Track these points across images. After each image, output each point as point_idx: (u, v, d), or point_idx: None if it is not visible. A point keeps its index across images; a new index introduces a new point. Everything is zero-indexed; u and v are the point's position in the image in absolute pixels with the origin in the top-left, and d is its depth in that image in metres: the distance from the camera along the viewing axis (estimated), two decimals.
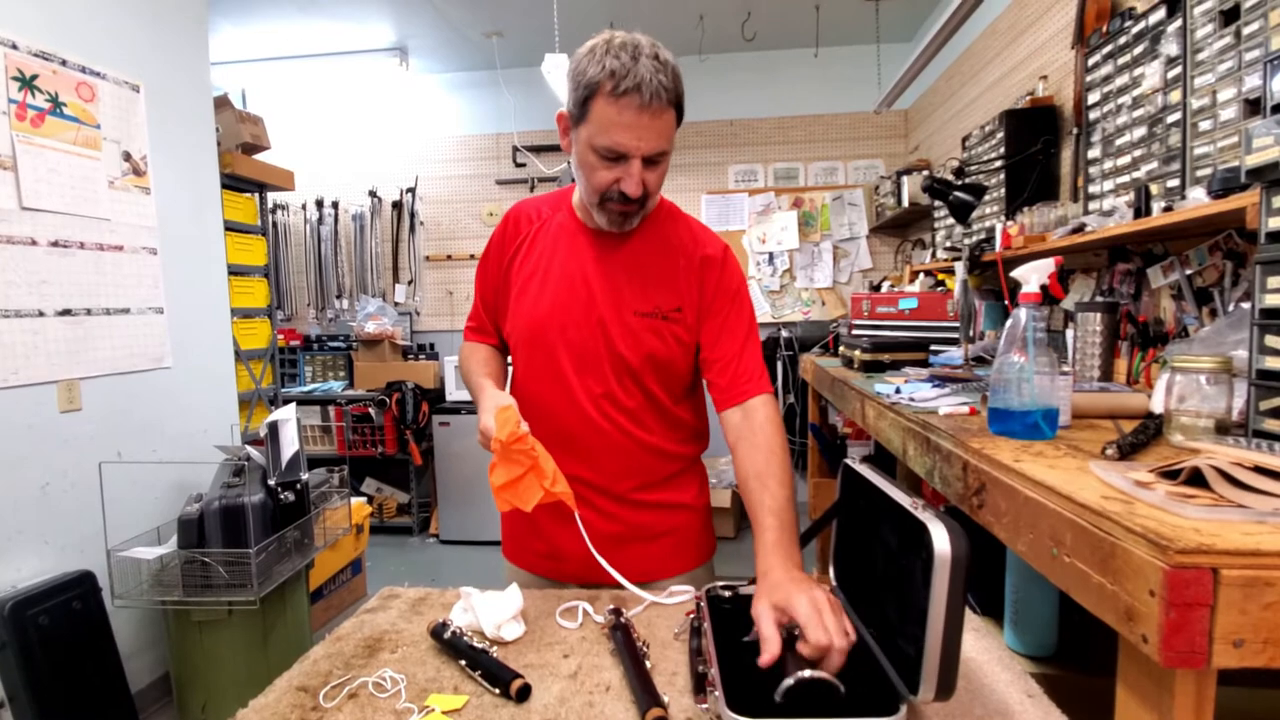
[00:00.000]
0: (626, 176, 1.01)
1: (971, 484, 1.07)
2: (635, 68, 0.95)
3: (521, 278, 1.19)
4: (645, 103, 0.96)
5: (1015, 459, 0.96)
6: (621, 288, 1.13)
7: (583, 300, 1.13)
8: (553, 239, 1.19)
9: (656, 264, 1.16)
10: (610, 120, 0.97)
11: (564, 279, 1.15)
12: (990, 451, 1.01)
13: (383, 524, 4.03)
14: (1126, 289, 1.97)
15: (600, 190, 1.04)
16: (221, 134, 2.87)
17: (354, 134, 4.48)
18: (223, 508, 2.15)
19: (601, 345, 1.12)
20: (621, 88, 0.95)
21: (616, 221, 1.09)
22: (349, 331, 4.15)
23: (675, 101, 1.01)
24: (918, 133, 3.94)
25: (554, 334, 1.14)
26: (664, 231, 1.17)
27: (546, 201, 1.25)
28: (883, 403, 1.67)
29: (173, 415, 2.49)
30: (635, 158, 1.00)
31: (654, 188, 1.07)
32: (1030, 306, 1.05)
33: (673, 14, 3.61)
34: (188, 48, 2.59)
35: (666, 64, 0.99)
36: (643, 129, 0.98)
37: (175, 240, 2.49)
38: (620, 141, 0.98)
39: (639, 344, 1.12)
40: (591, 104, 0.98)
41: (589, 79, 0.97)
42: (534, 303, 1.16)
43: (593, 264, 1.15)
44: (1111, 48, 1.84)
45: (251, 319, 3.06)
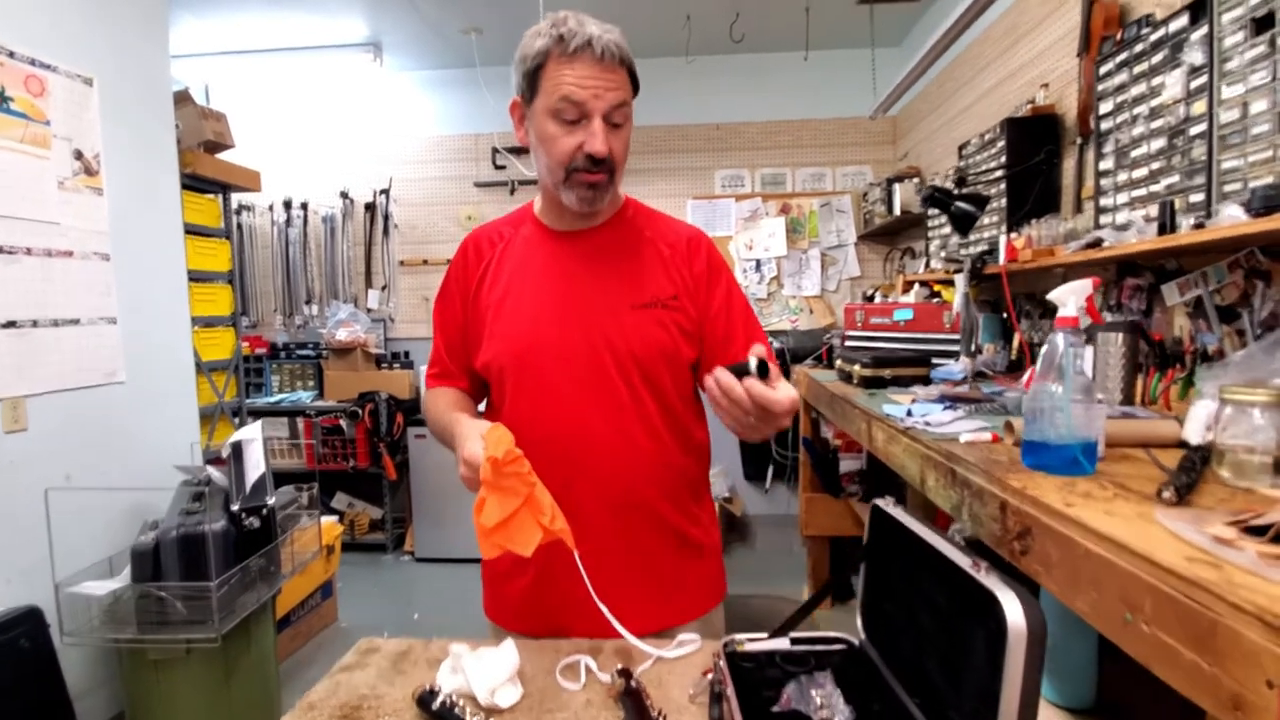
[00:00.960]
0: (589, 136, 0.96)
1: (1012, 526, 0.98)
2: (583, 29, 0.95)
3: (494, 300, 1.09)
4: (598, 56, 0.94)
5: (1065, 501, 0.88)
6: (611, 283, 1.06)
7: (572, 304, 1.05)
8: (521, 254, 1.10)
9: (641, 254, 1.09)
10: (565, 78, 0.95)
11: (546, 287, 1.06)
12: (1033, 491, 0.93)
13: (355, 541, 3.85)
14: (1137, 304, 1.91)
15: (564, 160, 0.99)
16: (182, 131, 2.70)
17: (325, 132, 4.29)
18: (181, 537, 1.99)
19: (602, 347, 1.04)
20: (573, 46, 0.94)
21: (586, 197, 1.02)
22: (319, 339, 3.97)
23: (629, 66, 0.99)
24: (907, 139, 3.89)
25: (546, 347, 1.04)
26: (637, 225, 1.12)
27: (505, 222, 1.17)
28: (895, 426, 1.59)
29: (127, 434, 2.31)
30: (596, 114, 0.96)
31: (619, 154, 1.01)
32: (1068, 332, 0.97)
33: (659, 14, 3.51)
34: (146, 39, 2.42)
35: (613, 30, 0.98)
36: (600, 81, 0.95)
37: (130, 245, 2.32)
38: (576, 93, 0.95)
39: (645, 337, 1.04)
40: (542, 73, 0.97)
41: (536, 50, 0.96)
42: (514, 321, 1.07)
43: (574, 265, 1.07)
44: (1126, 55, 1.78)
45: (214, 328, 2.89)
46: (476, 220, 4.22)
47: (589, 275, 1.07)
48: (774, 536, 3.84)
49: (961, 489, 1.17)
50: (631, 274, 1.08)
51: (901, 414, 1.65)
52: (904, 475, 1.55)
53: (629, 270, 1.09)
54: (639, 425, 1.06)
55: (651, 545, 1.09)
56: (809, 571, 3.10)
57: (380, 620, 3.09)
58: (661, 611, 1.09)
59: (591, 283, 1.07)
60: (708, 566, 1.16)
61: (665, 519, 1.09)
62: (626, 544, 1.07)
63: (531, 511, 0.86)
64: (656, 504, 1.08)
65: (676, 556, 1.11)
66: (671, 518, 1.10)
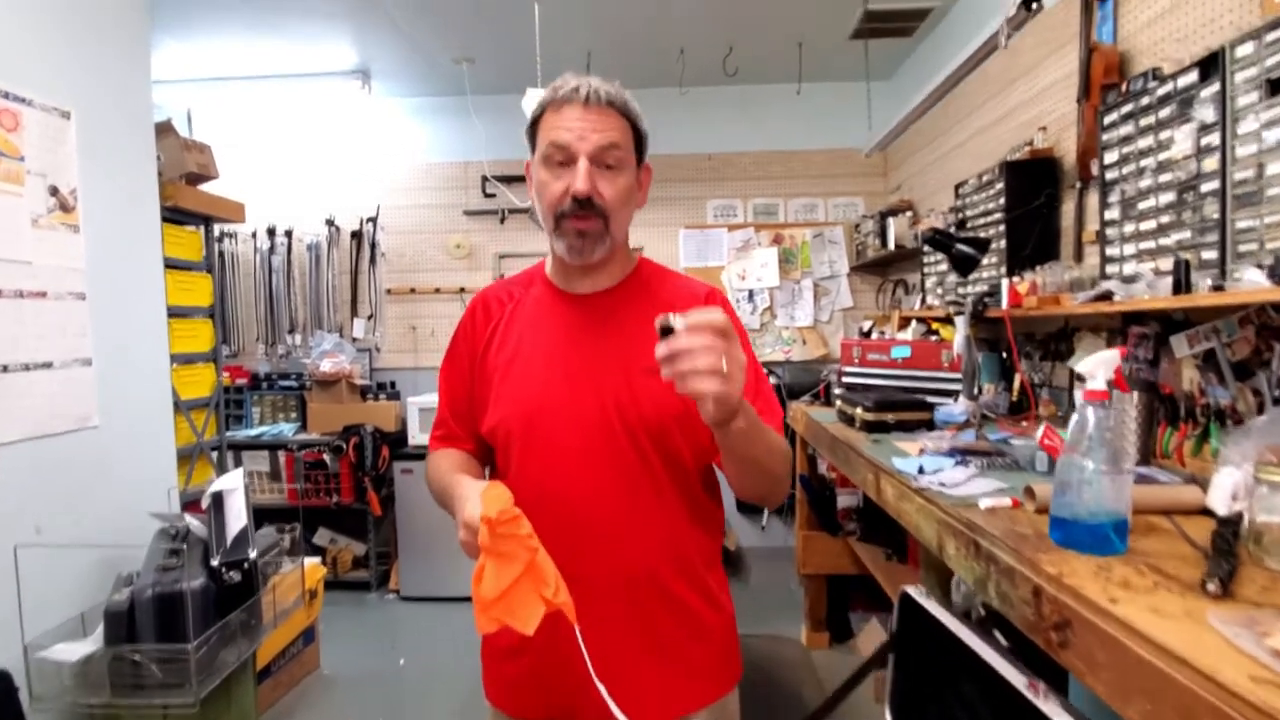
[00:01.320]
0: (573, 176, 0.96)
1: (1048, 614, 0.93)
2: (575, 81, 0.97)
3: (503, 362, 1.05)
4: (583, 101, 0.96)
5: (1107, 595, 0.84)
6: (623, 346, 1.03)
7: (583, 367, 1.02)
8: (531, 315, 1.07)
9: (652, 315, 1.03)
10: (552, 125, 0.97)
11: (556, 350, 1.03)
12: (1071, 580, 0.89)
13: (337, 579, 3.73)
14: (1144, 353, 1.90)
15: (555, 206, 0.98)
16: (164, 163, 2.61)
17: (311, 159, 4.21)
18: (157, 596, 1.89)
19: (612, 412, 1.00)
20: (561, 95, 0.97)
21: (575, 246, 0.99)
22: (302, 369, 3.86)
23: (622, 108, 0.99)
24: (898, 172, 3.90)
25: (555, 410, 1.00)
26: (650, 287, 1.10)
27: (515, 281, 1.14)
28: (907, 484, 1.55)
29: (101, 481, 2.20)
30: (581, 154, 0.95)
31: (612, 199, 0.98)
32: (1098, 405, 0.95)
33: (653, 46, 3.49)
34: (126, 70, 2.34)
35: (611, 82, 0.99)
36: (585, 124, 0.95)
37: (107, 283, 2.22)
38: (560, 136, 0.95)
39: (656, 401, 1.00)
40: (538, 126, 1.00)
41: (536, 109, 1.00)
42: (523, 383, 1.03)
43: (584, 327, 1.04)
44: (1133, 107, 1.77)
45: (194, 364, 2.78)
46: (466, 249, 4.15)
47: (599, 338, 1.04)
48: (770, 572, 3.78)
49: (987, 563, 1.12)
50: (643, 336, 1.03)
51: (913, 470, 1.62)
52: (918, 536, 1.51)
53: (640, 332, 1.04)
54: (650, 493, 1.01)
55: (660, 622, 1.03)
56: (806, 611, 3.05)
57: (365, 666, 2.98)
58: (671, 695, 1.03)
59: (602, 346, 1.03)
60: (720, 645, 1.10)
61: (675, 594, 1.04)
62: (633, 620, 1.01)
63: (533, 582, 0.79)
64: (666, 578, 1.03)
65: (687, 635, 1.05)
66: (682, 593, 1.04)
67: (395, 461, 3.60)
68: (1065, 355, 2.26)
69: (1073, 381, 2.25)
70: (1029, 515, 1.20)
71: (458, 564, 3.55)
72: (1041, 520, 1.14)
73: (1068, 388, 2.28)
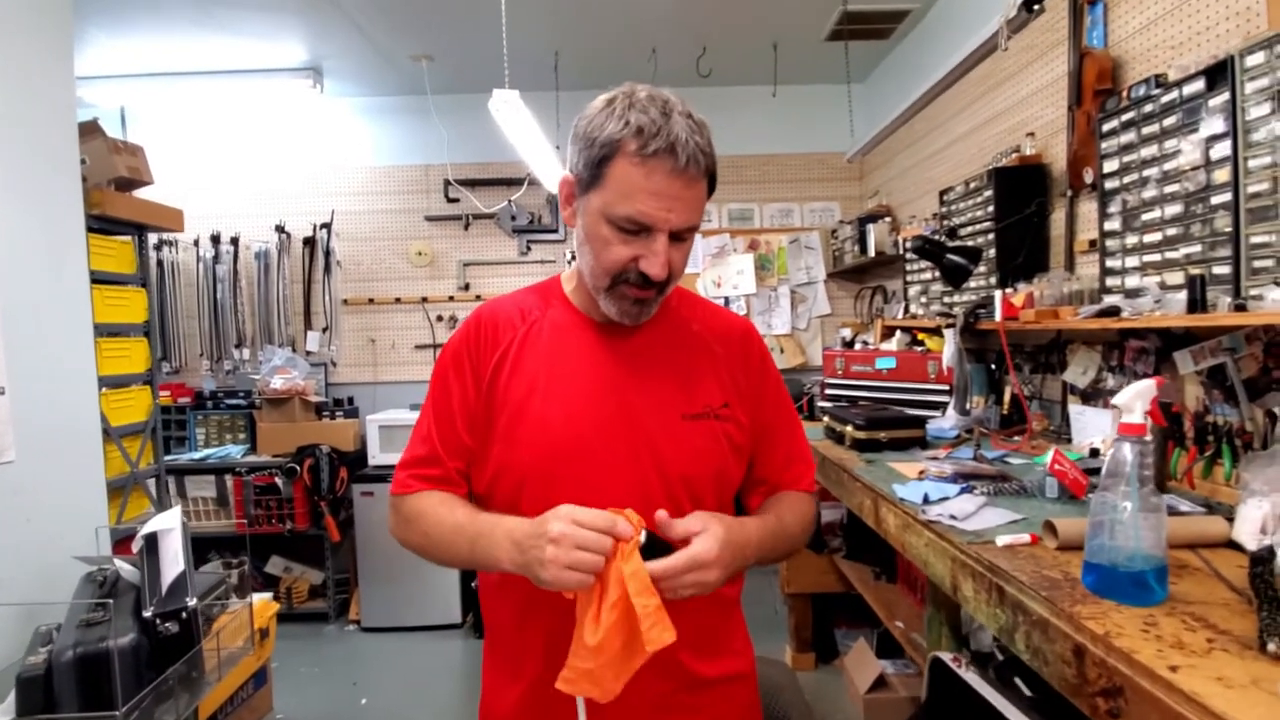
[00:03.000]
0: (649, 254, 0.83)
1: (1094, 679, 0.84)
2: (667, 125, 0.80)
3: (516, 396, 0.91)
4: (680, 166, 0.80)
5: (1163, 659, 0.76)
6: (659, 387, 0.93)
7: (615, 409, 0.91)
8: (551, 341, 0.93)
9: (689, 354, 0.96)
10: (635, 185, 0.81)
11: (583, 387, 0.91)
12: (1120, 641, 0.81)
13: (292, 611, 3.49)
14: (1142, 368, 1.83)
15: (613, 271, 0.86)
16: (89, 167, 2.37)
17: (259, 162, 3.96)
18: (79, 658, 1.67)
19: (649, 463, 0.90)
20: (651, 147, 0.79)
21: (630, 312, 0.89)
22: (251, 386, 3.61)
23: (710, 171, 0.86)
24: (875, 176, 3.84)
25: (582, 459, 0.89)
26: (681, 315, 1.00)
27: (527, 298, 0.99)
28: (912, 514, 1.44)
29: (16, 523, 1.96)
30: (662, 232, 0.83)
31: (678, 269, 0.88)
32: (1134, 440, 0.87)
33: (624, 46, 3.36)
34: (45, 65, 2.10)
35: (702, 126, 0.84)
36: (675, 198, 0.82)
37: (23, 300, 1.99)
38: (646, 211, 0.81)
39: (698, 454, 0.92)
40: (609, 166, 0.82)
41: (607, 135, 0.81)
42: (544, 424, 0.89)
43: (616, 364, 0.93)
44: (1134, 115, 1.70)
45: (126, 388, 2.54)
46: (429, 256, 3.95)
47: (634, 376, 0.92)
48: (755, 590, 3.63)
49: (1014, 612, 1.03)
50: (683, 377, 0.94)
51: (917, 499, 1.51)
52: (927, 572, 1.41)
53: (680, 373, 0.94)
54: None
55: (667, 690, 0.92)
56: (791, 631, 2.95)
57: (323, 707, 2.77)
58: None
59: (637, 385, 0.92)
60: (738, 700, 0.99)
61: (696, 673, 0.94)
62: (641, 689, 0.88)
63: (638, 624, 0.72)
64: (687, 660, 0.92)
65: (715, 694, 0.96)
66: (703, 671, 0.95)
67: (354, 484, 3.38)
68: (1057, 368, 2.19)
69: (1065, 394, 2.18)
70: (1052, 553, 1.12)
71: (424, 591, 3.36)
72: (1069, 561, 1.07)
73: (1060, 400, 2.21)
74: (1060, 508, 1.39)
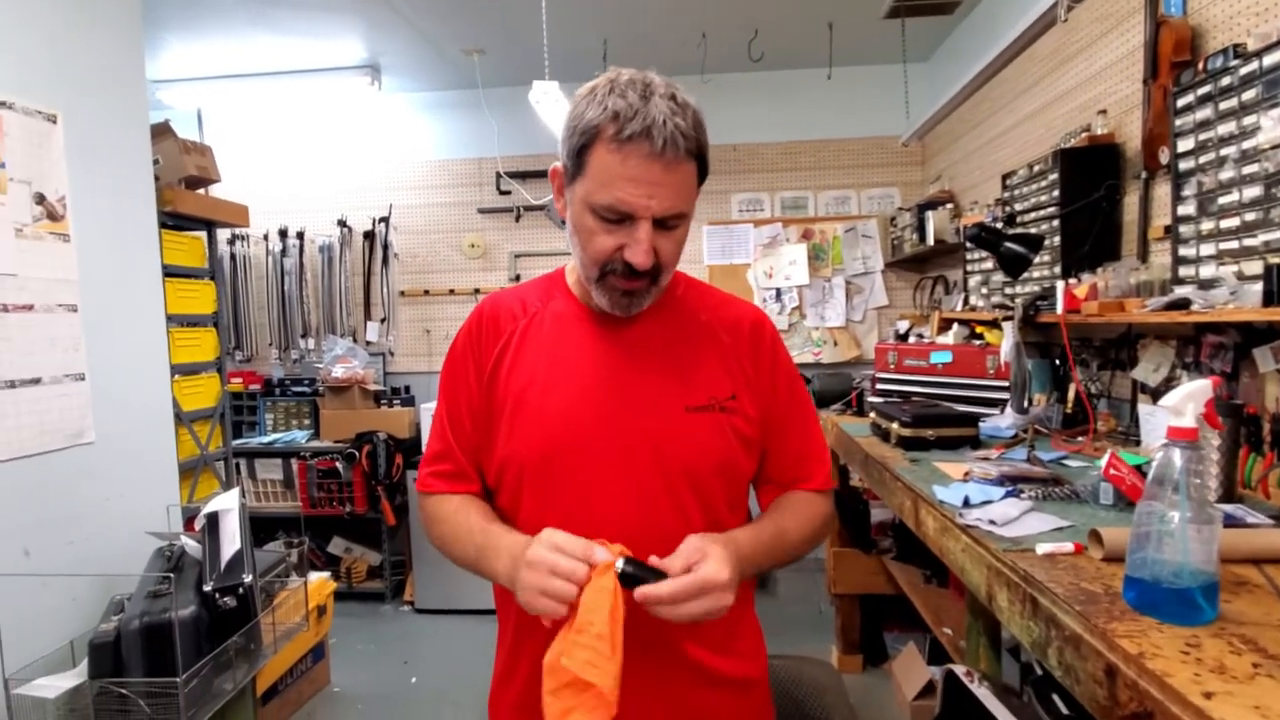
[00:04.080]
0: (632, 243, 0.81)
1: (1125, 700, 0.79)
2: (645, 108, 0.77)
3: (516, 388, 0.90)
4: (657, 150, 0.76)
5: (1199, 685, 0.70)
6: (662, 380, 0.91)
7: (614, 401, 0.89)
8: (552, 333, 0.92)
9: (694, 345, 0.93)
10: (613, 172, 0.78)
11: (582, 379, 0.90)
12: (1154, 663, 0.75)
13: (351, 590, 3.65)
14: (1219, 365, 1.68)
15: (600, 260, 0.84)
16: (161, 167, 2.52)
17: (322, 158, 4.12)
18: (145, 627, 1.79)
19: (648, 456, 0.87)
20: (627, 131, 0.76)
21: (620, 303, 0.87)
22: (315, 375, 3.78)
23: (696, 152, 0.82)
24: (937, 161, 3.65)
25: (579, 452, 0.88)
26: (688, 305, 0.97)
27: (530, 290, 0.98)
28: (950, 518, 1.37)
29: (96, 500, 2.12)
30: (643, 219, 0.80)
31: (668, 258, 0.85)
32: (1185, 445, 0.80)
33: (673, 32, 3.30)
34: (119, 70, 2.24)
35: (686, 106, 0.80)
36: (654, 183, 0.78)
37: (101, 293, 2.13)
38: (624, 198, 0.78)
39: (701, 447, 0.89)
40: (589, 153, 0.80)
41: (586, 123, 0.79)
42: (541, 416, 0.88)
43: (617, 355, 0.90)
44: (1211, 88, 1.55)
45: (196, 375, 2.70)
46: (481, 248, 4.02)
47: (635, 368, 0.90)
48: (798, 589, 3.60)
49: (1047, 626, 0.96)
50: (686, 368, 0.91)
51: (957, 502, 1.44)
52: (963, 579, 1.34)
53: (683, 364, 0.92)
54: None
55: (687, 695, 0.90)
56: (838, 631, 2.87)
57: (376, 683, 2.89)
58: None
59: (638, 377, 0.90)
60: (749, 706, 0.97)
61: (704, 665, 0.91)
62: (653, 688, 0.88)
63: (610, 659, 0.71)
64: (691, 651, 0.90)
65: (715, 699, 0.93)
66: (712, 663, 0.92)
67: (409, 470, 3.50)
68: (1127, 364, 2.03)
69: (1135, 392, 2.03)
70: (1096, 564, 1.04)
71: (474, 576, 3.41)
72: (1112, 573, 0.99)
73: (1129, 399, 2.06)
74: (1114, 516, 1.29)
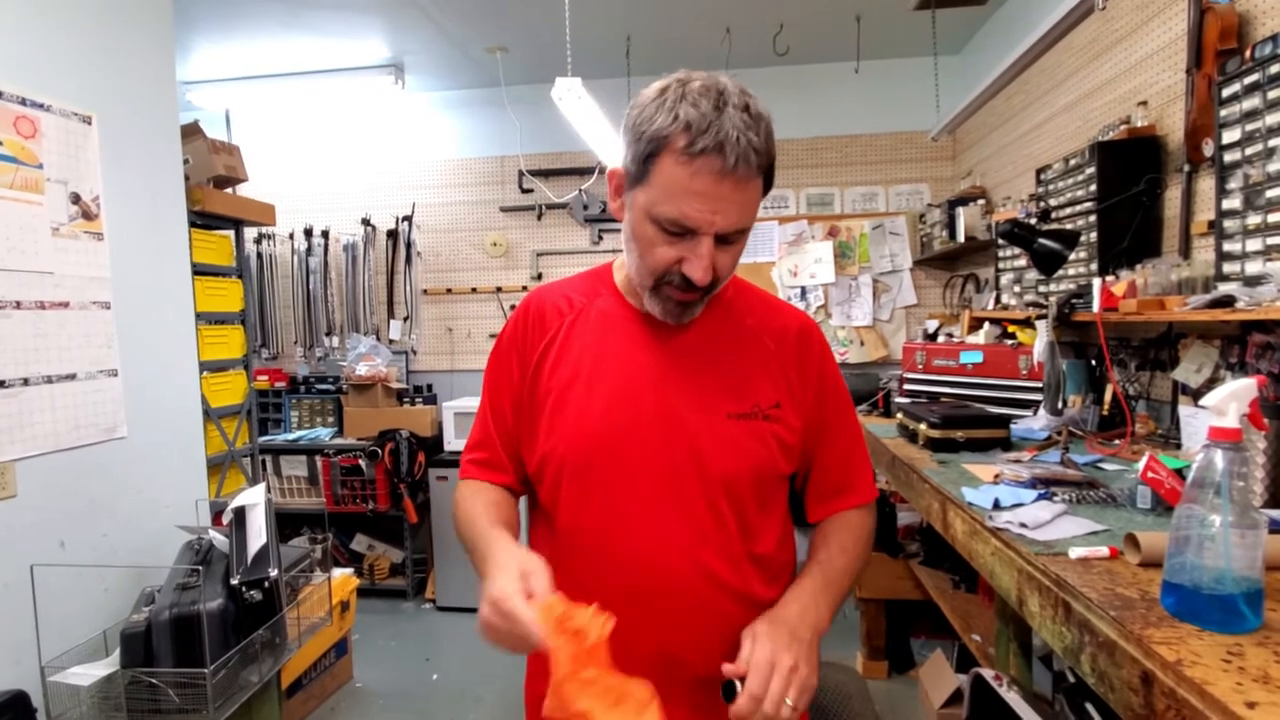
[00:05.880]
0: (693, 258, 0.80)
1: (1162, 710, 0.76)
2: (719, 120, 0.74)
3: (559, 384, 0.90)
4: (729, 167, 0.74)
5: (1241, 694, 0.67)
6: (705, 384, 0.90)
7: (659, 403, 0.88)
8: (597, 331, 0.92)
9: (740, 351, 0.93)
10: (680, 186, 0.76)
11: (625, 380, 0.90)
12: (1193, 672, 0.72)
13: (374, 587, 3.68)
14: (1266, 366, 1.61)
15: (657, 272, 0.83)
16: (191, 166, 2.56)
17: (346, 157, 4.15)
18: (174, 618, 1.82)
19: (686, 462, 0.87)
20: (699, 145, 0.74)
21: (673, 312, 0.87)
22: (339, 373, 3.82)
23: (766, 167, 0.80)
24: (968, 156, 3.58)
25: (619, 453, 0.87)
26: (736, 310, 0.96)
27: (577, 286, 0.97)
28: (979, 520, 1.33)
29: (128, 493, 2.16)
30: (707, 235, 0.79)
31: (725, 273, 0.85)
32: (1228, 446, 0.77)
33: (697, 26, 3.27)
34: (150, 72, 2.27)
35: (760, 118, 0.77)
36: (721, 200, 0.76)
37: (133, 291, 2.17)
38: (690, 214, 0.77)
39: (743, 455, 0.88)
40: (656, 162, 0.78)
41: (655, 130, 0.77)
42: (582, 414, 0.88)
43: (661, 358, 0.91)
44: (1259, 77, 1.48)
45: (224, 372, 2.74)
46: (503, 247, 4.03)
47: (678, 372, 0.90)
48: None
49: (1080, 631, 0.93)
50: (732, 374, 0.91)
51: (987, 504, 1.40)
52: (992, 583, 1.30)
53: (728, 370, 0.91)
54: (721, 556, 0.88)
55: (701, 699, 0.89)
56: (863, 637, 2.82)
57: (398, 679, 2.90)
58: None
59: (681, 382, 0.89)
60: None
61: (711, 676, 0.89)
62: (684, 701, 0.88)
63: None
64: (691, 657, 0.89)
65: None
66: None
67: (431, 468, 3.52)
68: (1167, 364, 1.96)
69: (1175, 394, 1.96)
70: (1132, 569, 1.01)
71: None
72: (1149, 578, 0.96)
73: (1170, 400, 1.99)
74: (1152, 520, 1.24)
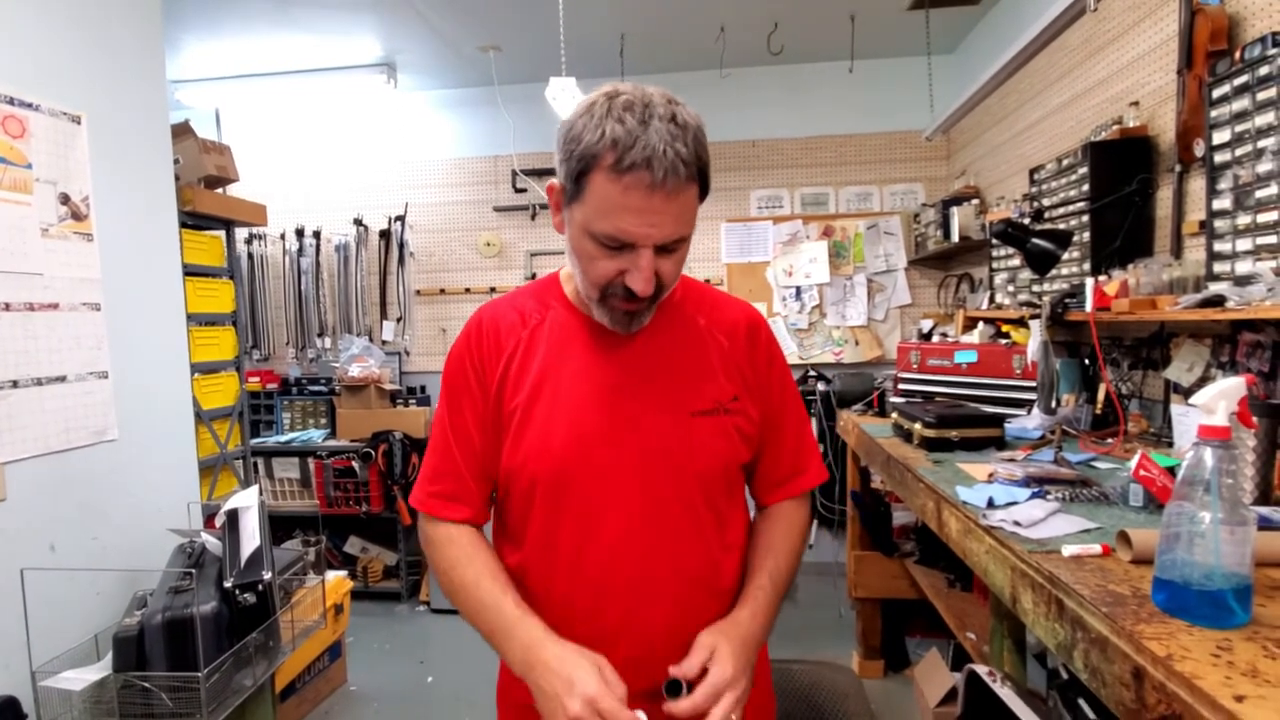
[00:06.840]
0: (634, 269, 0.81)
1: (1153, 705, 0.77)
2: (644, 135, 0.75)
3: (523, 401, 0.89)
4: (658, 181, 0.75)
5: (1229, 687, 0.69)
6: (667, 386, 0.92)
7: (623, 412, 0.90)
8: (555, 344, 0.92)
9: (695, 350, 0.94)
10: (613, 202, 0.77)
11: (588, 391, 0.90)
12: (1183, 666, 0.73)
13: (368, 589, 3.66)
14: (1256, 365, 1.62)
15: (600, 285, 0.84)
16: (181, 166, 2.53)
17: (338, 157, 4.13)
18: (166, 622, 1.81)
19: (661, 466, 0.89)
20: (626, 161, 0.75)
21: (621, 321, 0.88)
22: (331, 374, 3.80)
23: (697, 174, 0.80)
24: (963, 155, 3.59)
25: (590, 465, 0.88)
26: (686, 311, 0.98)
27: (528, 298, 0.97)
28: (973, 519, 1.34)
29: (119, 496, 2.14)
30: (645, 247, 0.80)
31: (670, 279, 0.86)
32: (1217, 444, 0.79)
33: (690, 26, 3.27)
34: (140, 71, 2.25)
35: (686, 127, 0.78)
36: (655, 212, 0.78)
37: (123, 292, 2.15)
38: (626, 229, 0.78)
39: (711, 451, 0.91)
40: (588, 180, 0.78)
41: (584, 149, 0.77)
42: (548, 429, 0.89)
43: (620, 365, 0.91)
44: (1248, 78, 1.50)
45: (216, 374, 2.72)
46: (497, 246, 4.02)
47: (641, 376, 0.91)
48: (818, 592, 3.55)
49: (1073, 628, 0.95)
50: (691, 373, 0.92)
51: (981, 503, 1.41)
52: (986, 581, 1.31)
53: (688, 369, 0.92)
54: (696, 555, 0.91)
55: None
56: (859, 636, 2.83)
57: (392, 682, 2.89)
58: None
59: (643, 387, 0.91)
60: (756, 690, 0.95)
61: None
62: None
63: None
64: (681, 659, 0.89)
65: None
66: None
67: None
68: (1159, 364, 1.98)
69: (1168, 392, 1.97)
70: (1124, 566, 1.02)
71: None
72: (1140, 575, 0.98)
73: (1162, 399, 2.00)
74: (1144, 518, 1.25)
